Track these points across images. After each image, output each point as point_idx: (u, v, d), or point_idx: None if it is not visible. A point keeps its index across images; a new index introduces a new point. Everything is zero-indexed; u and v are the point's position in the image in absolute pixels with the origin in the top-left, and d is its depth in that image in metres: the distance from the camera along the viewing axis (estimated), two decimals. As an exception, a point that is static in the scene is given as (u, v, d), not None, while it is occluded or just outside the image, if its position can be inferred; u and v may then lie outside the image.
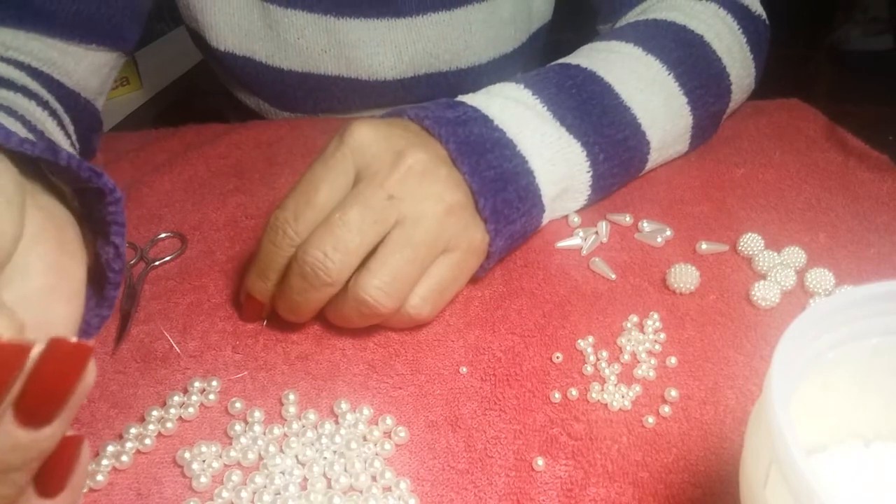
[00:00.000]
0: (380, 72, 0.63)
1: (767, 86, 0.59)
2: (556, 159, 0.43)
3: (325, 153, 0.38)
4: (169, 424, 0.33)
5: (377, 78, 0.63)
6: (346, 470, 0.31)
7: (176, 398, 0.34)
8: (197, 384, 0.35)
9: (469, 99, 0.43)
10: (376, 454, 0.32)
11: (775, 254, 0.42)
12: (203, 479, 0.31)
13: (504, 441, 0.33)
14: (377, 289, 0.35)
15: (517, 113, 0.43)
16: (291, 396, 0.34)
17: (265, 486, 0.30)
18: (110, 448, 0.32)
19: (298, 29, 0.60)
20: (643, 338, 0.38)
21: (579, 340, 0.38)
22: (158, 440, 0.33)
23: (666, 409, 0.34)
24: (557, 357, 0.37)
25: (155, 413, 0.34)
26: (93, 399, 0.35)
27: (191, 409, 0.34)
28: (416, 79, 0.64)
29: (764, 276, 0.42)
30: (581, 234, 0.45)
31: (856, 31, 2.06)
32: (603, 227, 0.46)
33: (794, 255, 0.42)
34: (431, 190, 0.37)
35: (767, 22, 0.57)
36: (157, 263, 0.44)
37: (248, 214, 0.48)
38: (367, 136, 0.37)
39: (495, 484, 0.31)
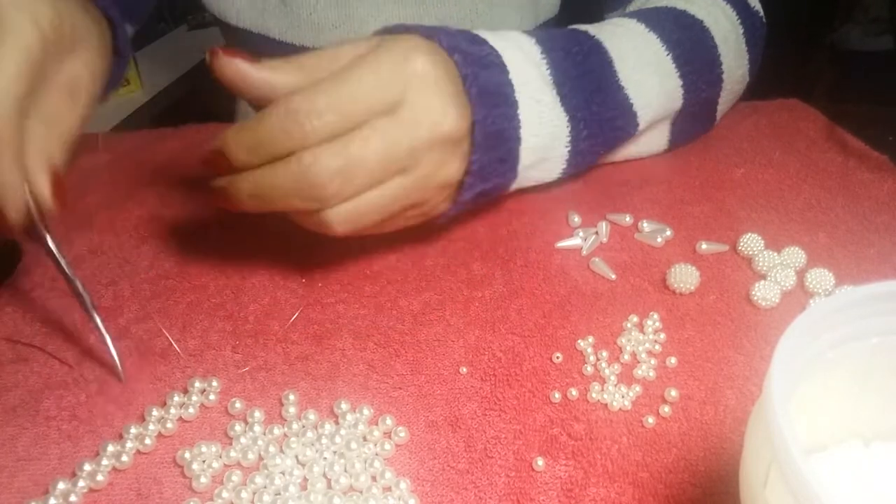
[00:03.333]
0: None
1: (767, 86, 0.59)
2: (541, 130, 0.43)
3: (381, 65, 0.36)
4: (169, 424, 0.33)
5: None
6: (346, 470, 0.31)
7: (176, 398, 0.34)
8: (197, 384, 0.35)
9: (491, 39, 0.43)
10: (376, 454, 0.32)
11: (775, 254, 0.42)
12: (203, 480, 0.31)
13: (504, 441, 0.33)
14: (336, 173, 0.34)
15: (525, 70, 0.43)
16: (291, 397, 0.34)
17: (265, 487, 0.30)
18: (110, 448, 0.32)
19: (311, 5, 0.61)
20: (643, 338, 0.38)
21: (579, 340, 0.38)
22: (158, 440, 0.33)
23: (666, 409, 0.34)
24: (557, 357, 0.37)
25: (155, 413, 0.34)
26: (92, 398, 0.35)
27: (191, 409, 0.34)
28: None
29: (764, 276, 0.42)
30: (581, 234, 0.45)
31: (856, 32, 2.06)
32: (603, 227, 0.46)
33: (794, 255, 0.42)
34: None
35: (764, 20, 0.57)
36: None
37: (248, 214, 0.48)
38: (429, 74, 0.36)
39: (495, 484, 0.31)
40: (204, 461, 0.32)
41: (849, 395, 0.25)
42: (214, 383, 0.35)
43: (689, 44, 0.50)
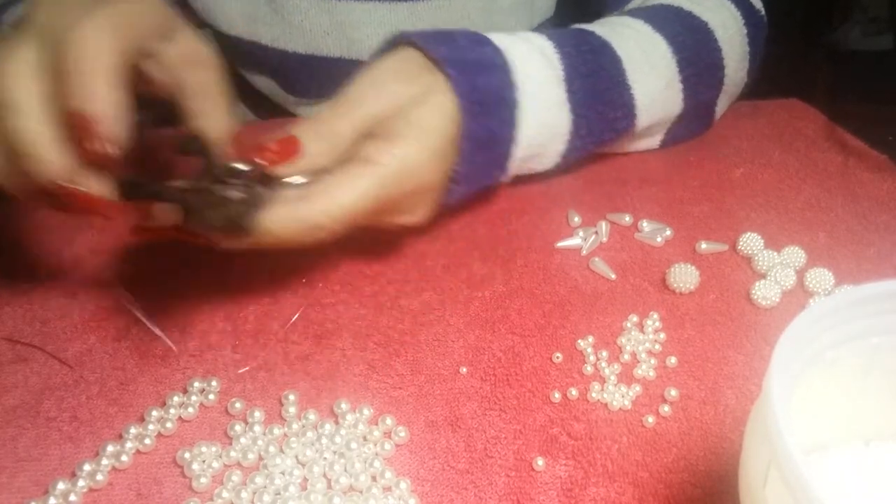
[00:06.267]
0: None
1: (767, 86, 0.59)
2: (542, 129, 0.43)
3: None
4: (169, 424, 0.33)
5: None
6: (346, 470, 0.31)
7: (175, 398, 0.34)
8: (196, 384, 0.35)
9: (496, 38, 0.43)
10: (376, 454, 0.32)
11: (775, 253, 0.42)
12: (203, 480, 0.31)
13: (504, 441, 0.33)
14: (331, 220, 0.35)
15: (534, 65, 0.43)
16: (291, 397, 0.34)
17: (265, 487, 0.30)
18: (110, 448, 0.32)
19: (302, 11, 0.61)
20: (643, 338, 0.38)
21: (579, 340, 0.38)
22: (158, 440, 0.33)
23: (666, 409, 0.34)
24: (557, 357, 0.37)
25: (155, 413, 0.34)
26: (92, 398, 0.35)
27: (190, 409, 0.34)
28: None
29: (764, 276, 0.42)
30: (581, 234, 0.45)
31: (856, 31, 2.05)
32: (603, 227, 0.46)
33: (794, 254, 0.42)
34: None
35: (766, 20, 0.57)
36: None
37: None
38: (415, 160, 0.38)
39: (495, 484, 0.31)
40: (204, 461, 0.32)
41: (849, 394, 0.25)
42: (214, 383, 0.35)
43: (694, 47, 0.50)
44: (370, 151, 0.37)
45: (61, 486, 0.30)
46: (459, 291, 0.41)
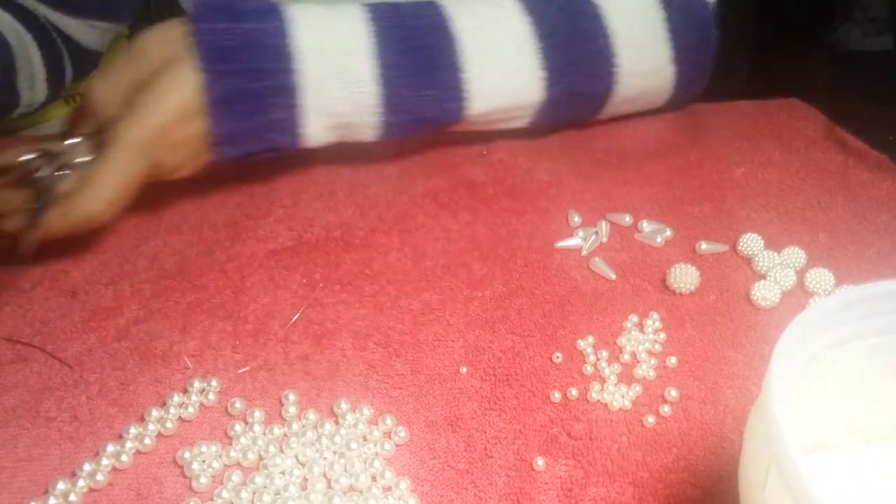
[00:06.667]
0: None
1: (767, 86, 0.59)
2: (341, 98, 0.44)
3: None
4: (169, 424, 0.33)
5: None
6: (346, 470, 0.31)
7: (175, 398, 0.34)
8: (196, 384, 0.35)
9: (290, 6, 0.43)
10: (376, 454, 0.32)
11: (775, 254, 0.42)
12: (203, 479, 0.31)
13: (504, 441, 0.33)
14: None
15: (332, 33, 0.43)
16: (291, 396, 0.34)
17: (265, 487, 0.30)
18: (110, 448, 0.32)
19: None
20: (643, 338, 0.38)
21: (579, 340, 0.38)
22: (158, 440, 0.33)
23: (666, 409, 0.34)
24: (557, 357, 0.37)
25: (155, 413, 0.34)
26: (92, 398, 0.35)
27: (190, 409, 0.34)
28: None
29: (764, 276, 0.42)
30: (581, 234, 0.45)
31: (856, 31, 2.05)
32: (603, 227, 0.46)
33: (794, 255, 0.42)
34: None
35: (711, 4, 0.52)
36: (65, 171, 0.42)
37: (248, 214, 0.48)
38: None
39: (495, 484, 0.31)
40: (204, 461, 0.32)
41: (849, 394, 0.25)
42: (214, 383, 0.35)
43: (567, 33, 0.47)
44: (119, 128, 0.39)
45: (61, 486, 0.30)
46: (459, 291, 0.41)
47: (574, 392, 0.35)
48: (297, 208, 0.48)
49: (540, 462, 0.31)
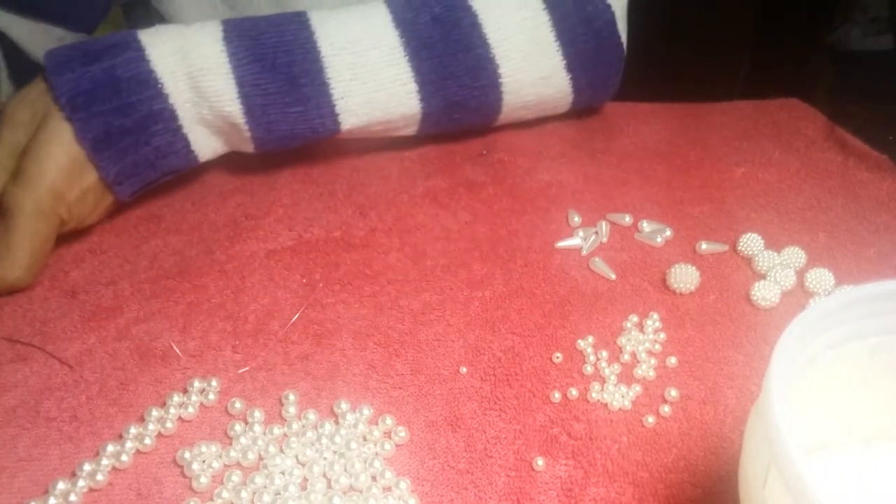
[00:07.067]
0: None
1: (767, 86, 0.59)
2: (210, 117, 0.44)
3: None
4: (169, 424, 0.33)
5: None
6: (346, 470, 0.31)
7: (175, 398, 0.34)
8: (196, 384, 0.35)
9: (144, 36, 0.43)
10: (376, 454, 0.32)
11: (775, 254, 0.42)
12: (203, 479, 0.31)
13: (504, 441, 0.33)
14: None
15: (185, 59, 0.43)
16: (291, 396, 0.34)
17: (265, 487, 0.30)
18: (110, 448, 0.32)
19: (254, 6, 0.60)
20: (643, 338, 0.38)
21: (579, 340, 0.38)
22: (158, 440, 0.33)
23: (666, 409, 0.34)
24: (557, 357, 0.37)
25: (155, 413, 0.34)
26: (92, 398, 0.35)
27: (190, 409, 0.34)
28: None
29: (764, 276, 0.42)
30: (581, 234, 0.45)
31: (856, 31, 2.05)
32: (603, 227, 0.46)
33: (794, 255, 0.42)
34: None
35: (609, 5, 0.50)
36: None
37: (248, 214, 0.48)
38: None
39: (495, 484, 0.31)
40: (204, 461, 0.32)
41: (849, 394, 0.25)
42: (214, 383, 0.35)
43: (441, 44, 0.46)
44: (13, 198, 0.40)
45: (61, 486, 0.30)
46: (459, 291, 0.41)
47: (574, 392, 0.35)
48: (297, 208, 0.48)
49: (540, 462, 0.31)
